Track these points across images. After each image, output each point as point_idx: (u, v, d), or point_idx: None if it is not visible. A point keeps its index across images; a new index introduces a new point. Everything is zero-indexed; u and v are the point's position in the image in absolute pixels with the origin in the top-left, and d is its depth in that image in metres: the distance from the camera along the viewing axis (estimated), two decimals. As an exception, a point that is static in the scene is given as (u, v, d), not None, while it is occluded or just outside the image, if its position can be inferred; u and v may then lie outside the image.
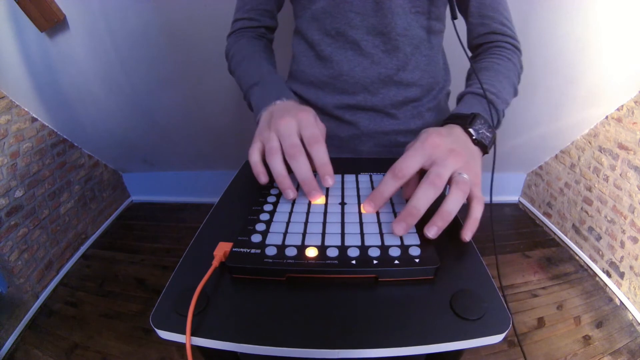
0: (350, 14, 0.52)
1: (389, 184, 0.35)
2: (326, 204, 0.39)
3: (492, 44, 0.53)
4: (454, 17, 0.51)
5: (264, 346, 0.25)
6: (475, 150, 0.40)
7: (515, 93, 0.52)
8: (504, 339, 0.26)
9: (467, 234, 0.34)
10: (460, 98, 0.50)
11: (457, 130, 0.40)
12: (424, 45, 0.55)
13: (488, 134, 0.41)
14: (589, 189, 1.59)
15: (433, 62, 0.57)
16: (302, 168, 0.37)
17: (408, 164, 0.35)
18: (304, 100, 0.61)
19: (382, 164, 0.49)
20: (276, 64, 0.60)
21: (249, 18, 0.59)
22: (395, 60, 0.54)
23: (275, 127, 0.39)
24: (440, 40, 0.58)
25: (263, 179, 0.39)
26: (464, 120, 0.41)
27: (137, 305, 1.47)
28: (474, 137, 0.40)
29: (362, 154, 0.61)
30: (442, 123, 0.43)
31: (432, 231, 0.32)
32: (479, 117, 0.41)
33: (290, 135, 0.38)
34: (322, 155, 0.37)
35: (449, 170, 0.34)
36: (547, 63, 1.25)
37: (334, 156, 0.44)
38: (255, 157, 0.40)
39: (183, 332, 0.25)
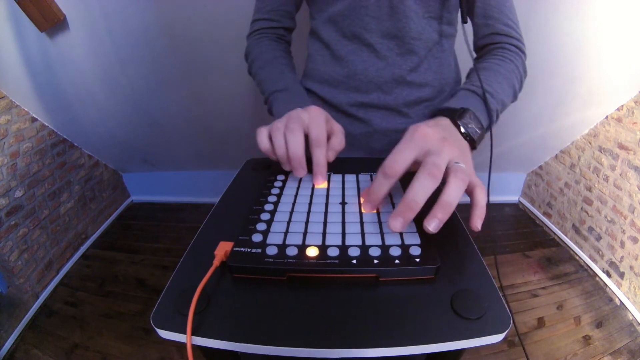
0: (366, 17, 0.53)
1: (382, 183, 0.34)
2: (327, 204, 0.39)
3: (496, 45, 0.53)
4: (463, 21, 0.53)
5: (265, 346, 0.25)
6: (465, 143, 0.40)
7: (515, 95, 0.52)
8: (504, 338, 0.26)
9: (477, 222, 0.32)
10: (454, 93, 0.50)
11: (445, 121, 0.40)
12: (437, 48, 0.56)
13: (477, 129, 0.41)
14: (589, 189, 1.59)
15: (445, 64, 0.58)
16: (295, 143, 0.39)
17: (398, 160, 0.33)
18: (318, 98, 0.62)
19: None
20: (295, 67, 0.61)
21: (269, 19, 0.60)
22: (409, 62, 0.55)
23: (288, 115, 0.42)
24: (452, 44, 0.59)
25: (274, 155, 0.42)
26: (453, 113, 0.41)
27: (137, 305, 1.47)
28: (462, 131, 0.40)
29: (374, 152, 0.62)
30: (431, 115, 0.44)
31: (433, 224, 0.30)
32: (469, 112, 0.41)
33: (296, 119, 0.41)
34: (320, 157, 0.41)
35: (444, 159, 0.32)
36: (546, 63, 1.25)
37: (347, 154, 0.45)
38: (263, 137, 0.42)
39: (184, 332, 0.25)
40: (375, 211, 0.37)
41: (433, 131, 0.35)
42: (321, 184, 0.42)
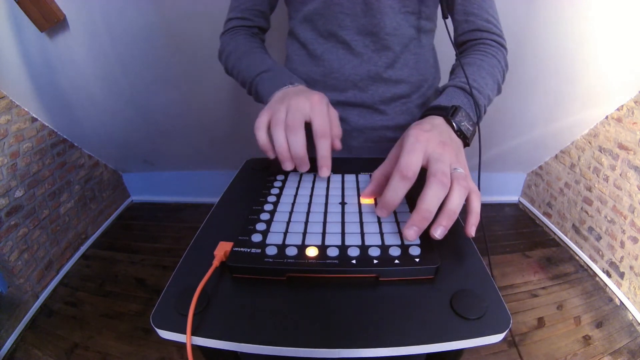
0: (340, 15, 0.53)
1: (399, 186, 0.33)
2: (326, 204, 0.39)
3: (477, 41, 0.53)
4: (444, 17, 0.53)
5: (264, 346, 0.25)
6: (459, 141, 0.40)
7: (499, 90, 0.53)
8: (504, 339, 0.26)
9: (472, 228, 0.33)
10: (442, 90, 0.50)
11: (439, 121, 0.40)
12: (414, 44, 0.56)
13: (470, 127, 0.41)
14: (589, 189, 1.59)
15: (422, 60, 0.58)
16: (297, 143, 0.39)
17: (413, 162, 0.34)
18: None
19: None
20: None
21: (243, 17, 0.59)
22: (384, 59, 0.55)
23: (288, 103, 0.41)
24: (430, 39, 0.59)
25: (272, 155, 0.41)
26: (446, 112, 0.41)
27: (137, 305, 1.46)
28: (456, 129, 0.40)
29: (352, 150, 0.62)
30: (423, 114, 0.44)
31: (439, 231, 0.31)
32: (461, 109, 0.42)
33: (297, 111, 0.40)
34: (325, 149, 0.40)
35: (447, 165, 0.33)
36: (547, 63, 1.25)
37: None
38: (262, 133, 0.41)
39: (183, 332, 0.25)
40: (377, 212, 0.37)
41: (432, 135, 0.36)
42: (326, 175, 0.41)
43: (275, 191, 0.42)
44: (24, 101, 1.47)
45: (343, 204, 0.39)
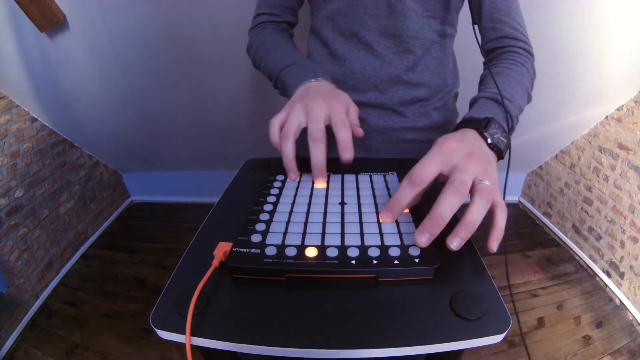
0: (364, 15, 0.53)
1: (406, 191, 0.33)
2: (326, 204, 0.39)
3: (505, 49, 0.53)
4: (474, 22, 0.53)
5: (264, 346, 0.25)
6: (491, 154, 0.39)
7: (529, 99, 0.52)
8: (504, 339, 0.26)
9: (494, 244, 0.32)
10: (473, 102, 0.49)
11: (471, 133, 0.39)
12: (435, 48, 0.56)
13: (503, 138, 0.40)
14: (589, 189, 1.59)
15: (443, 64, 0.58)
16: (318, 154, 0.40)
17: (426, 170, 0.33)
18: None
19: (382, 164, 0.49)
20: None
21: (271, 13, 0.60)
22: (405, 62, 0.55)
23: (307, 106, 0.41)
24: (451, 44, 0.59)
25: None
26: (479, 124, 0.40)
27: (137, 305, 1.47)
28: (489, 142, 0.39)
29: (370, 150, 0.62)
30: (456, 127, 0.42)
31: (455, 242, 0.30)
32: (494, 121, 0.40)
33: (318, 120, 0.40)
34: (345, 134, 0.40)
35: (470, 176, 0.33)
36: (547, 63, 1.25)
37: None
38: (275, 130, 0.41)
39: (183, 332, 0.25)
40: (378, 214, 0.36)
41: (460, 146, 0.35)
42: (349, 158, 0.40)
43: (274, 191, 0.42)
44: (24, 101, 1.47)
45: (343, 204, 0.39)
